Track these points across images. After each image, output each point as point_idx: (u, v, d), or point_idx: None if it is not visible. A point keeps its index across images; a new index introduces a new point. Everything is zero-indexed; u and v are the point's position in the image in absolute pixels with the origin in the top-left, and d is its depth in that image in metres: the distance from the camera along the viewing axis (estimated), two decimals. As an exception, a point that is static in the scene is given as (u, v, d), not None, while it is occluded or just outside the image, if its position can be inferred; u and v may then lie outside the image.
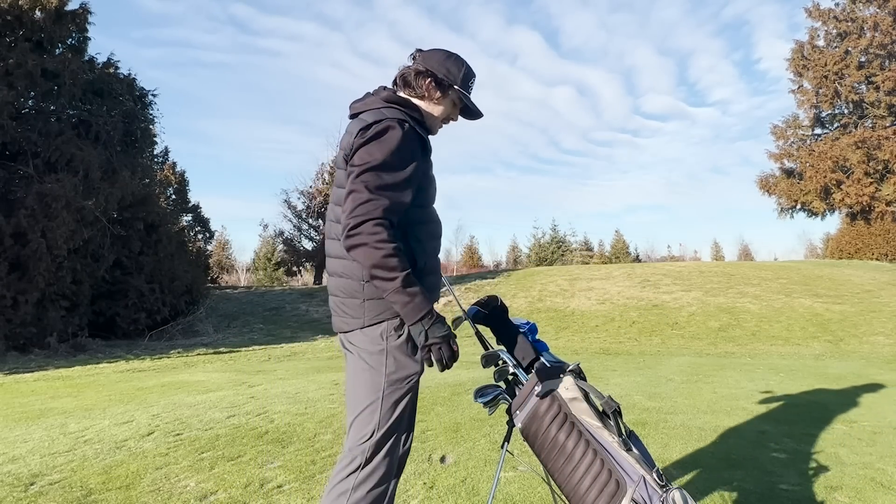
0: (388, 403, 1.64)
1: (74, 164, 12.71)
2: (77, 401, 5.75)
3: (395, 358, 1.65)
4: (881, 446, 3.50)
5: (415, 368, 1.67)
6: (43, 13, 12.56)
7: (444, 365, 1.60)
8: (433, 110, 1.80)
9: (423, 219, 1.73)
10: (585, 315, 13.62)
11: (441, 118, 1.82)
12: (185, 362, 9.73)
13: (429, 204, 1.77)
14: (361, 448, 1.62)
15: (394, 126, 1.61)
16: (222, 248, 42.35)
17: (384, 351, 1.66)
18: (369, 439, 1.62)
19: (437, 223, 1.82)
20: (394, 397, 1.65)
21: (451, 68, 1.79)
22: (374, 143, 1.59)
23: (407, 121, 1.66)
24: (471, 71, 1.82)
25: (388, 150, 1.58)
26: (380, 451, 1.63)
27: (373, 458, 1.62)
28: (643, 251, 48.63)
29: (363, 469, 1.61)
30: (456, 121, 1.89)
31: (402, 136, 1.60)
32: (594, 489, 1.60)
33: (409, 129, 1.64)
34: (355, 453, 1.62)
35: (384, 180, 1.56)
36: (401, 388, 1.65)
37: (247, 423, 4.38)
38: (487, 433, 3.89)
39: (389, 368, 1.65)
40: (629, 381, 6.28)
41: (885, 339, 10.28)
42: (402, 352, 1.66)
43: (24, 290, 11.85)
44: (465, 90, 1.80)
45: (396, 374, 1.65)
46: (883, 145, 23.18)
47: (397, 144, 1.59)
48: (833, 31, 25.50)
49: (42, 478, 3.16)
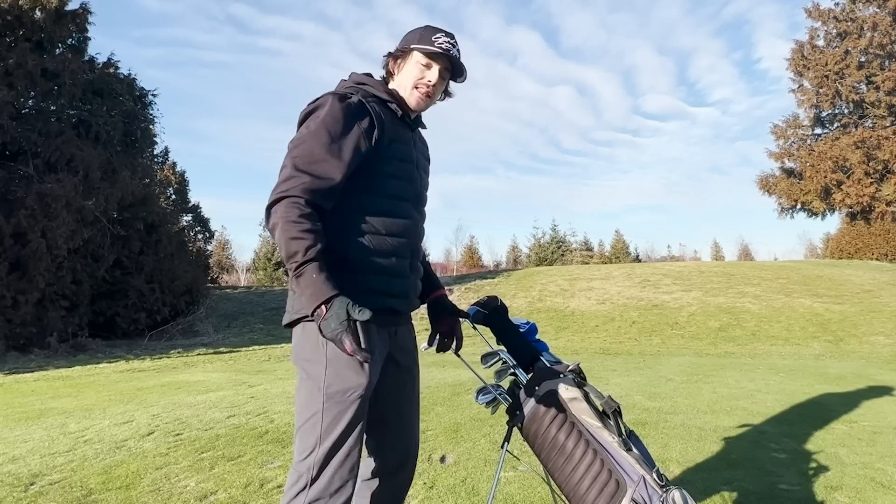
0: (328, 418, 1.46)
1: (74, 164, 12.72)
2: (77, 401, 5.75)
3: (334, 369, 1.47)
4: (881, 446, 3.50)
5: (357, 381, 1.47)
6: (43, 13, 12.57)
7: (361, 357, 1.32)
8: (400, 81, 1.64)
9: (371, 208, 1.53)
10: (585, 315, 13.62)
11: (415, 84, 1.62)
12: (185, 362, 9.73)
13: (388, 193, 1.56)
14: (306, 464, 1.47)
15: (327, 99, 1.48)
16: (222, 248, 42.35)
17: (323, 359, 1.48)
18: (310, 455, 1.47)
19: (404, 220, 1.59)
20: (334, 412, 1.46)
21: (409, 36, 1.66)
22: (307, 120, 1.48)
23: (352, 94, 1.53)
24: (435, 29, 1.64)
25: (316, 124, 1.44)
26: (327, 466, 1.46)
27: (319, 475, 1.46)
28: (643, 251, 48.66)
29: (311, 488, 1.46)
30: (445, 82, 1.67)
31: (338, 108, 1.46)
32: (594, 489, 1.60)
33: (354, 102, 1.50)
34: (300, 470, 1.47)
35: (309, 156, 1.42)
36: (342, 402, 1.46)
37: (247, 423, 4.38)
38: (487, 433, 3.89)
39: (329, 380, 1.47)
40: (629, 381, 6.28)
41: (885, 339, 10.28)
42: (342, 362, 1.46)
43: (24, 290, 11.86)
44: (428, 45, 1.60)
45: (335, 387, 1.46)
46: (883, 145, 23.19)
47: (330, 116, 1.45)
48: (833, 31, 25.51)
49: (42, 478, 3.16)
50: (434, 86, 1.63)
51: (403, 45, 1.64)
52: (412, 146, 1.66)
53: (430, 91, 1.63)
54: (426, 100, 1.65)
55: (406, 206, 1.61)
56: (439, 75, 1.64)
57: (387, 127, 1.55)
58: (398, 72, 1.65)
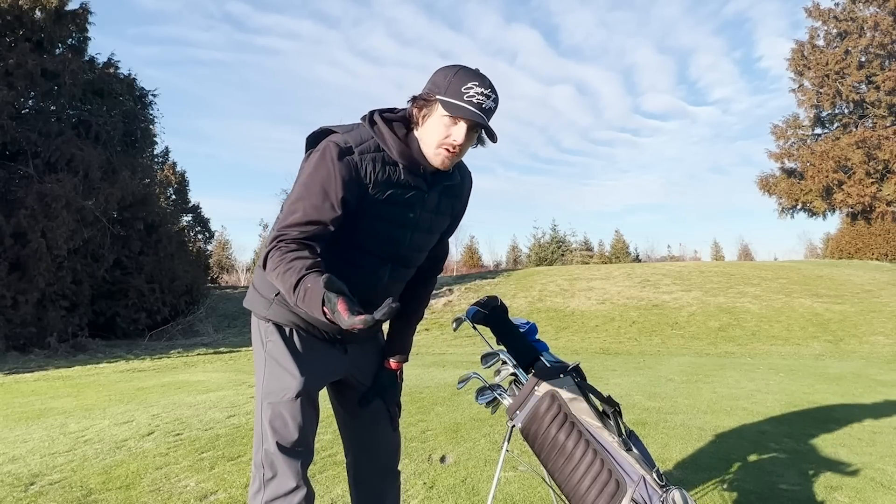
0: (265, 419, 1.50)
1: (74, 164, 12.72)
2: (77, 401, 5.75)
3: (271, 368, 1.52)
4: (881, 446, 3.49)
5: (290, 382, 1.49)
6: (43, 13, 12.58)
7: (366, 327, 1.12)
8: (423, 136, 1.46)
9: (337, 253, 1.47)
10: (585, 315, 13.62)
11: (440, 143, 1.43)
12: (185, 362, 9.74)
13: (352, 245, 1.50)
14: (256, 464, 1.52)
15: (328, 152, 1.40)
16: (222, 248, 42.33)
17: (262, 358, 1.54)
18: (258, 455, 1.51)
19: (363, 271, 1.52)
20: (269, 412, 1.50)
21: (438, 80, 1.43)
22: (307, 166, 1.44)
23: (353, 150, 1.42)
24: (468, 77, 1.40)
25: (312, 179, 1.40)
26: (275, 466, 1.49)
27: (270, 473, 1.50)
28: (643, 251, 48.56)
29: (266, 488, 1.49)
30: (459, 141, 1.43)
31: (335, 167, 1.38)
32: (594, 489, 1.60)
33: (352, 161, 1.41)
34: (253, 471, 1.53)
35: (301, 208, 1.38)
36: (277, 402, 1.49)
37: (247, 423, 4.38)
38: (487, 433, 3.89)
39: (266, 379, 1.52)
40: (629, 381, 6.28)
41: (885, 339, 10.28)
42: (277, 362, 1.51)
43: (24, 290, 11.86)
44: (456, 98, 1.39)
45: (270, 386, 1.51)
46: (883, 145, 23.18)
47: (326, 172, 1.38)
48: (833, 30, 25.50)
49: (42, 478, 3.16)
50: (461, 146, 1.44)
51: (429, 91, 1.43)
52: (418, 206, 1.52)
53: (456, 152, 1.45)
54: (452, 159, 1.46)
55: (372, 261, 1.53)
56: (466, 135, 1.42)
57: (381, 189, 1.45)
58: (422, 122, 1.45)
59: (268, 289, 1.54)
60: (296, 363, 1.51)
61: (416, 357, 9.58)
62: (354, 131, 1.46)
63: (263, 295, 1.56)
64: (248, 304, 1.63)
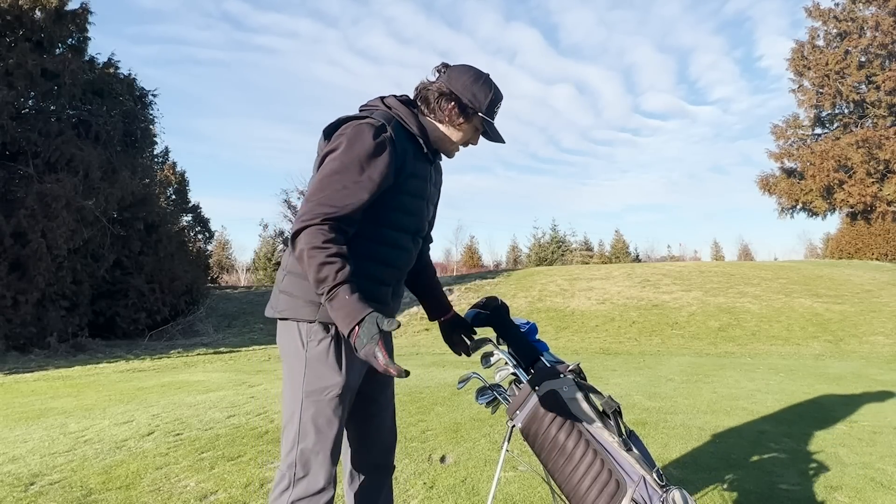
0: (307, 416, 1.52)
1: (74, 164, 12.72)
2: (77, 401, 5.75)
3: (313, 367, 1.53)
4: (881, 446, 3.50)
5: (334, 380, 1.53)
6: (43, 13, 12.57)
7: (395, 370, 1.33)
8: (452, 135, 1.67)
9: (374, 237, 1.57)
10: (585, 315, 13.62)
11: (459, 143, 1.71)
12: (185, 362, 9.74)
13: (392, 226, 1.60)
14: (288, 463, 1.52)
15: (363, 130, 1.49)
16: (222, 248, 42.35)
17: (302, 359, 1.55)
18: (291, 454, 1.52)
19: (401, 251, 1.65)
20: (312, 410, 1.52)
21: (478, 93, 1.64)
22: (343, 144, 1.49)
23: (389, 129, 1.53)
24: (498, 95, 1.68)
25: (349, 157, 1.47)
26: (308, 465, 1.51)
27: (302, 473, 1.51)
28: (643, 251, 48.60)
29: (295, 487, 1.51)
30: (475, 144, 1.75)
31: (371, 144, 1.48)
32: (594, 489, 1.60)
33: (387, 138, 1.51)
34: (283, 469, 1.53)
35: (337, 185, 1.45)
36: (319, 400, 1.52)
37: (247, 423, 4.38)
38: (487, 433, 3.89)
39: (308, 378, 1.53)
40: (629, 381, 6.28)
41: (885, 339, 10.28)
42: (321, 361, 1.53)
43: (24, 290, 11.86)
44: (490, 117, 1.67)
45: (314, 385, 1.53)
46: (884, 145, 23.18)
47: (363, 151, 1.47)
48: (833, 30, 25.50)
49: (42, 478, 3.16)
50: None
51: (472, 102, 1.64)
52: (428, 181, 1.70)
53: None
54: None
55: (406, 238, 1.66)
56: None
57: (408, 164, 1.59)
58: (454, 125, 1.66)
59: (312, 291, 1.51)
60: (340, 362, 1.55)
61: (416, 357, 9.58)
62: (377, 112, 1.57)
63: (308, 298, 1.55)
64: (285, 312, 1.58)
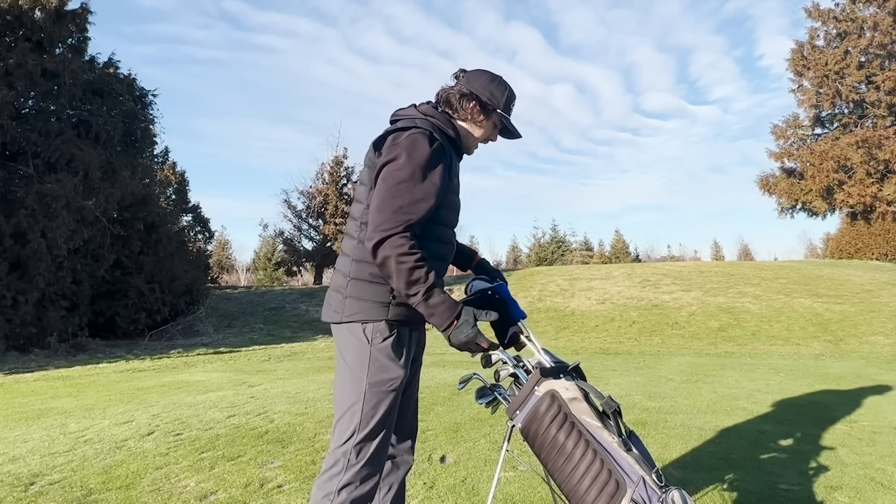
0: (368, 406, 1.64)
1: (74, 164, 12.71)
2: (77, 401, 5.75)
3: (378, 361, 1.66)
4: (881, 446, 3.50)
5: (397, 373, 1.67)
6: (43, 13, 12.56)
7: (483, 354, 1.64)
8: (474, 132, 1.83)
9: (430, 235, 1.70)
10: (585, 315, 13.62)
11: (481, 140, 1.85)
12: (185, 362, 9.74)
13: (441, 223, 1.75)
14: (343, 450, 1.63)
15: (418, 139, 1.62)
16: (222, 248, 42.35)
17: (367, 353, 1.66)
18: (349, 441, 1.63)
19: (448, 244, 1.81)
20: (374, 400, 1.65)
21: (495, 92, 1.80)
22: (403, 154, 1.60)
23: (436, 135, 1.67)
24: (513, 94, 1.85)
25: (413, 166, 1.59)
26: (362, 453, 1.64)
27: (356, 460, 1.63)
28: (643, 251, 48.64)
29: (346, 472, 1.62)
30: (495, 141, 1.90)
31: (429, 151, 1.62)
32: (594, 489, 1.60)
33: (438, 145, 1.65)
34: (337, 456, 1.64)
35: (410, 193, 1.58)
36: (382, 391, 1.65)
37: (247, 423, 4.38)
38: (487, 433, 3.89)
39: (372, 371, 1.65)
40: (629, 381, 6.28)
41: (885, 339, 10.28)
42: (385, 355, 1.66)
43: (24, 290, 11.84)
44: (507, 113, 1.83)
45: (378, 377, 1.65)
46: (884, 145, 23.18)
47: (425, 159, 1.60)
48: (833, 31, 25.50)
49: (42, 478, 3.16)
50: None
51: (491, 100, 1.79)
52: (458, 177, 1.86)
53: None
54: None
55: (450, 233, 1.82)
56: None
57: (453, 165, 1.76)
58: (476, 123, 1.81)
59: (381, 294, 1.67)
60: (401, 356, 1.69)
61: (416, 357, 9.56)
62: (420, 120, 1.71)
63: (377, 300, 1.67)
64: (357, 315, 1.67)
